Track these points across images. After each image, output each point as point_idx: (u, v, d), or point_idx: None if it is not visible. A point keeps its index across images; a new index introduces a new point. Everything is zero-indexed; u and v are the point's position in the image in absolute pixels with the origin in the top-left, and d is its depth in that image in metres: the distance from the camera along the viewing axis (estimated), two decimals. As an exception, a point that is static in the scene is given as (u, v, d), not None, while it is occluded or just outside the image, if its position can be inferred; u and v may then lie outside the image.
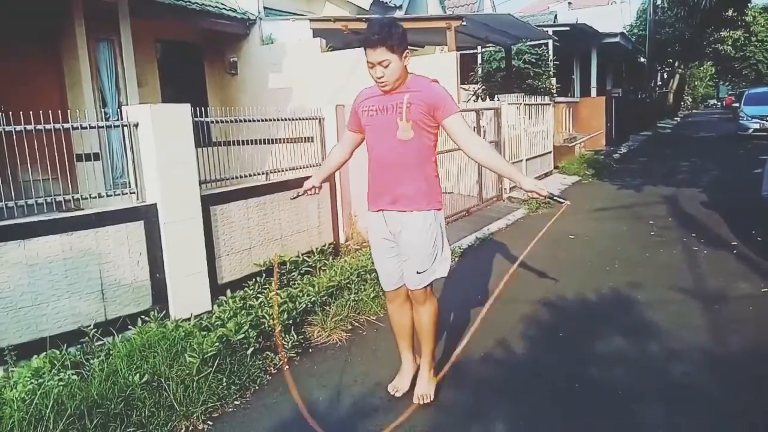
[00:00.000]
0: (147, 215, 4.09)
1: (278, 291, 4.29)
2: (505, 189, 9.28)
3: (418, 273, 2.96)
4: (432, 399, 3.12)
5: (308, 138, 5.67)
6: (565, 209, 3.02)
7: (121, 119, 4.11)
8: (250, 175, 5.10)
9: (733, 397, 3.15)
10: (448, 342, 3.96)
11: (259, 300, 4.12)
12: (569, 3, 32.75)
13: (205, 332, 3.61)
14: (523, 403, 3.19)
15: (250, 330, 3.62)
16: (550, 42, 15.06)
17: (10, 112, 3.59)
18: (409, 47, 2.81)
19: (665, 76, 37.95)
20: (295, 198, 3.47)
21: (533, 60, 13.96)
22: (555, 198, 2.94)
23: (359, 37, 2.75)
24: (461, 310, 4.53)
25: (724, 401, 3.11)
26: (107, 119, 7.02)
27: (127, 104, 7.30)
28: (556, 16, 24.21)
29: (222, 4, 9.87)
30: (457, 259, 5.96)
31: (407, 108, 2.79)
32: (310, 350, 3.95)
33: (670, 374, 3.40)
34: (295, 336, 3.88)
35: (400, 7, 14.21)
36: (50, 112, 3.73)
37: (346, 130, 3.25)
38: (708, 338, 3.86)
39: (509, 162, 3.62)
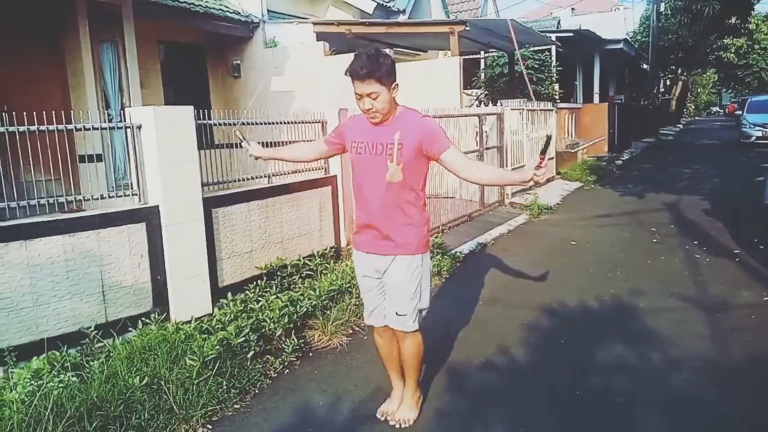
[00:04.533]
0: (149, 217, 4.09)
1: (279, 294, 4.29)
2: (507, 194, 9.27)
3: (398, 315, 2.92)
4: (411, 424, 3.05)
5: (310, 141, 5.66)
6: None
7: (124, 121, 4.11)
8: (253, 178, 5.09)
9: (735, 406, 3.14)
10: (445, 348, 3.95)
11: (260, 303, 4.11)
12: (572, 9, 32.73)
13: (205, 335, 3.61)
14: (523, 409, 3.18)
15: (250, 333, 3.62)
16: (553, 48, 15.09)
17: (14, 113, 3.59)
18: (397, 81, 2.74)
19: (668, 82, 37.89)
20: (238, 137, 3.49)
21: (536, 65, 13.97)
22: (545, 147, 2.67)
23: (347, 69, 2.69)
24: (459, 315, 4.53)
25: (726, 410, 3.10)
26: (110, 121, 7.04)
27: (130, 106, 7.32)
28: (559, 21, 24.24)
29: (225, 6, 9.89)
30: (458, 264, 5.96)
31: (398, 150, 2.73)
32: (311, 354, 3.94)
33: (672, 382, 3.39)
34: (296, 340, 3.88)
35: (404, 11, 14.23)
36: (53, 113, 3.73)
37: (321, 140, 3.25)
38: (710, 346, 3.85)
39: (510, 169, 3.64)
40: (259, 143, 3.54)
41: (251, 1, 10.14)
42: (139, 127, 4.05)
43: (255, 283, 4.66)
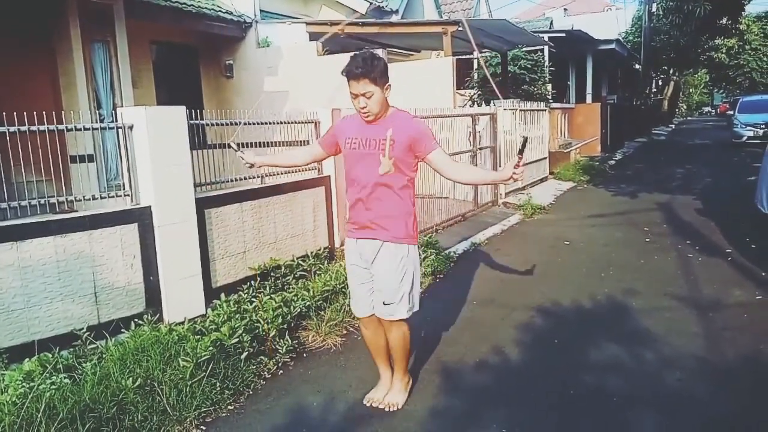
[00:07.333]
0: (141, 218, 4.06)
1: (272, 295, 4.27)
2: (500, 194, 9.29)
3: (384, 304, 3.04)
4: (400, 408, 3.17)
5: (304, 141, 5.65)
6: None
7: (116, 121, 4.08)
8: (246, 178, 5.08)
9: (728, 405, 3.15)
10: (439, 348, 3.95)
11: (254, 304, 4.09)
12: (565, 9, 32.88)
13: (198, 336, 3.59)
14: (518, 409, 3.18)
15: (244, 334, 3.60)
16: (546, 48, 15.13)
17: (4, 113, 3.57)
18: (390, 83, 2.92)
19: (660, 83, 38.08)
20: (233, 148, 3.43)
21: (529, 66, 14.00)
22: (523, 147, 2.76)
23: (343, 69, 2.88)
24: (453, 315, 4.53)
25: (719, 408, 3.11)
26: (102, 121, 7.01)
27: (121, 106, 7.28)
28: (551, 22, 24.27)
29: (218, 6, 9.86)
30: (452, 264, 5.96)
31: (390, 145, 2.90)
32: (305, 355, 3.93)
33: (665, 381, 3.40)
34: (290, 341, 3.86)
35: (397, 11, 14.24)
36: (44, 113, 3.71)
37: (315, 143, 3.37)
38: (703, 345, 3.87)
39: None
40: (252, 144, 3.56)
41: (244, 0, 10.11)
42: (131, 128, 4.03)
43: (248, 283, 4.64)
